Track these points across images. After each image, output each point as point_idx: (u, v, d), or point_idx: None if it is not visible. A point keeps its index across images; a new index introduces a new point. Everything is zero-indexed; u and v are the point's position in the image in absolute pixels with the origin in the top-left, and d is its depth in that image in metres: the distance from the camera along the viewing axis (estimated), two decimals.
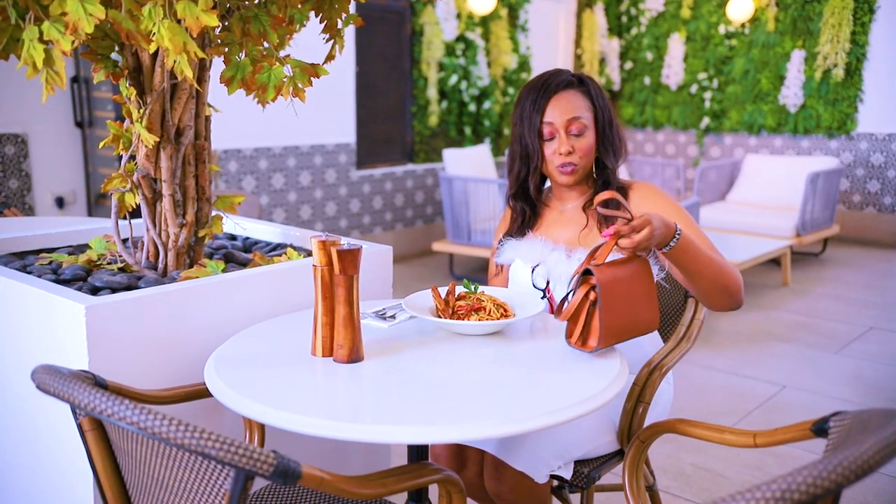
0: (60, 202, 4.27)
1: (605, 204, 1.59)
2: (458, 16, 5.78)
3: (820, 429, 1.07)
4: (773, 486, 0.74)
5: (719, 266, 1.42)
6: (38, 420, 1.46)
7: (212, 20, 1.24)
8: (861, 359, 3.57)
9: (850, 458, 0.77)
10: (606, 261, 1.27)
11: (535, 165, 1.61)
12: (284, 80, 1.49)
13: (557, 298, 1.60)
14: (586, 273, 1.25)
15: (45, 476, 1.47)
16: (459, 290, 1.50)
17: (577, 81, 1.61)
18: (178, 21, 1.28)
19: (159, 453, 0.99)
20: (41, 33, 1.21)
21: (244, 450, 0.90)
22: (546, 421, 1.09)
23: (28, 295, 1.40)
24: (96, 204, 4.42)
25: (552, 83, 1.59)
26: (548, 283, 1.62)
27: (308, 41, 2.01)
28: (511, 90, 6.27)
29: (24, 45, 1.21)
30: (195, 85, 1.44)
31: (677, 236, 1.34)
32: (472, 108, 5.93)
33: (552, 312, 1.57)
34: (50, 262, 1.67)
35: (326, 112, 5.00)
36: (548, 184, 1.74)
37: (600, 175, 1.65)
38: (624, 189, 1.62)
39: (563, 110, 1.57)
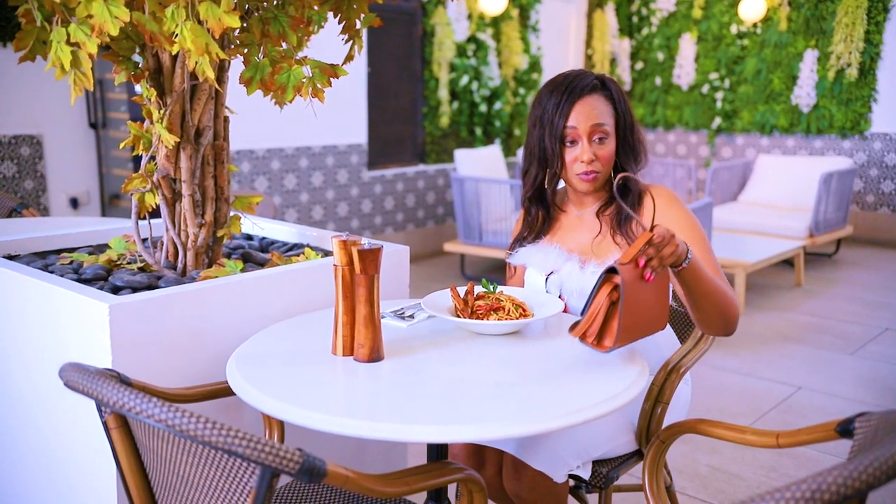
0: (74, 203, 4.30)
1: (623, 193, 1.58)
2: (469, 16, 5.78)
3: (845, 430, 1.07)
4: (802, 487, 0.74)
5: (723, 293, 1.39)
6: (62, 417, 1.47)
7: (234, 21, 1.25)
8: (877, 360, 3.55)
9: (882, 459, 0.76)
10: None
11: (554, 171, 1.58)
12: (304, 80, 1.50)
13: (570, 308, 1.59)
14: (609, 271, 1.24)
15: (69, 473, 1.48)
16: (478, 289, 1.50)
17: (600, 85, 1.57)
18: (200, 22, 1.28)
19: (185, 450, 1.00)
20: (68, 35, 1.22)
21: (271, 447, 0.90)
22: (566, 421, 1.09)
23: (52, 294, 1.41)
24: (110, 204, 4.45)
25: (577, 86, 1.54)
26: (560, 293, 1.61)
27: (322, 43, 2.02)
28: (522, 90, 6.27)
29: (51, 48, 1.22)
30: (216, 85, 1.45)
31: (689, 258, 1.31)
32: (483, 108, 5.93)
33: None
34: (71, 262, 1.68)
35: (338, 113, 5.01)
36: (561, 184, 1.72)
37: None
38: (640, 194, 1.59)
39: (587, 116, 1.53)
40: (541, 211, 1.67)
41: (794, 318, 4.22)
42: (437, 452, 1.35)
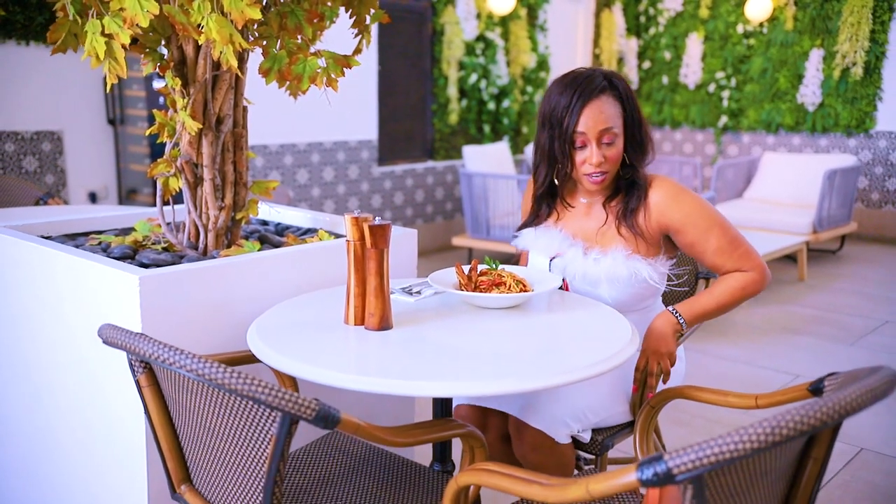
0: (93, 197, 4.43)
1: (629, 187, 1.64)
2: (478, 15, 5.88)
3: (816, 388, 1.16)
4: (763, 424, 0.83)
5: (733, 296, 1.60)
6: (93, 381, 1.58)
7: (255, 13, 1.36)
8: (876, 351, 3.61)
9: (834, 399, 0.86)
10: None
11: (565, 172, 1.62)
12: (318, 70, 1.60)
13: (574, 291, 1.68)
14: None
15: (101, 430, 1.59)
16: (482, 267, 1.60)
17: (608, 84, 1.59)
18: (224, 14, 1.39)
19: (212, 401, 1.10)
20: (102, 27, 1.33)
21: (290, 395, 1.01)
22: (560, 379, 1.18)
23: (86, 268, 1.52)
24: (127, 199, 4.58)
25: (587, 89, 1.57)
26: (564, 276, 1.69)
27: (334, 40, 2.12)
28: (530, 89, 6.36)
29: (87, 38, 1.33)
30: (238, 73, 1.55)
31: (683, 325, 1.58)
32: (491, 106, 6.02)
33: None
34: (99, 243, 1.79)
35: (349, 109, 5.12)
36: None
37: (626, 172, 1.65)
38: (644, 186, 1.63)
39: (596, 120, 1.56)
40: (550, 202, 1.74)
41: (795, 310, 4.29)
42: (442, 414, 1.45)
